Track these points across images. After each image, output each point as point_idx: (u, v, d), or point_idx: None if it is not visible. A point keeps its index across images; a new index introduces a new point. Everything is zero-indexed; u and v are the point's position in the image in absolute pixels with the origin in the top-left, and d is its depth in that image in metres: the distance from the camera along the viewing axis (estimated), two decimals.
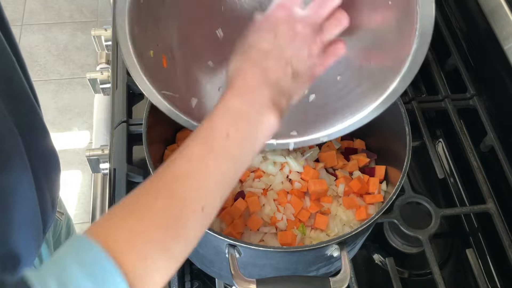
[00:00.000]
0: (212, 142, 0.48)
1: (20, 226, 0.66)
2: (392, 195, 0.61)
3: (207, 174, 0.47)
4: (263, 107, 0.50)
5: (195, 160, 0.47)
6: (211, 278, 0.77)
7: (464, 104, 0.98)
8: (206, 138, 0.49)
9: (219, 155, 0.48)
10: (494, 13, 0.91)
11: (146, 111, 0.66)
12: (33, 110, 0.73)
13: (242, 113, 0.50)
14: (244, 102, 0.50)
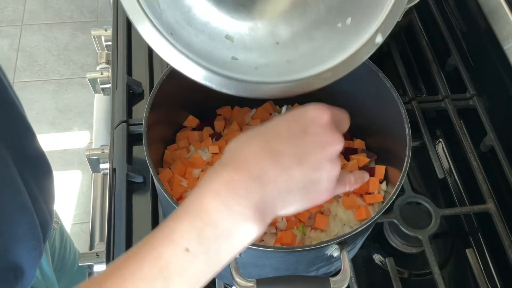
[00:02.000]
0: (166, 258, 0.40)
1: (20, 238, 0.66)
2: (392, 195, 0.61)
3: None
4: (244, 217, 0.41)
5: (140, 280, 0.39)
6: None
7: (464, 104, 0.98)
8: (160, 253, 0.40)
9: (169, 277, 0.40)
10: (494, 13, 0.91)
11: (146, 111, 0.66)
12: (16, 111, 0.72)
13: (213, 222, 0.41)
14: (223, 207, 0.41)
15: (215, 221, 0.41)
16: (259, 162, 0.43)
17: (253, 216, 0.42)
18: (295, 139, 0.45)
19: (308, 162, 0.45)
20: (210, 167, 0.76)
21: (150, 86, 0.95)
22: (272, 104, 0.87)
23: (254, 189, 0.42)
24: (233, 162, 0.43)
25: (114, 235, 0.77)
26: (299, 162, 0.44)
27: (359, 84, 0.75)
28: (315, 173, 0.46)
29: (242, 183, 0.42)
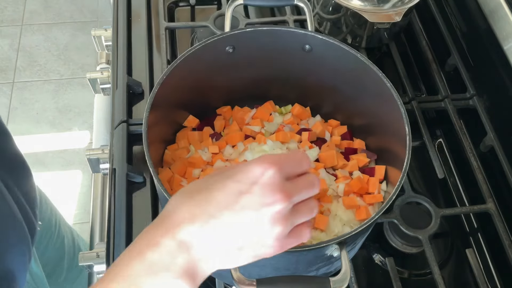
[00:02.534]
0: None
1: (11, 245, 0.65)
2: (392, 195, 0.61)
3: None
4: (169, 283, 0.44)
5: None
6: (211, 278, 0.77)
7: (464, 104, 0.98)
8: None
9: None
10: (494, 13, 0.91)
11: (146, 111, 0.66)
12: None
13: (138, 285, 0.43)
14: (147, 267, 0.43)
15: (139, 285, 0.43)
16: (187, 227, 0.45)
17: (182, 280, 0.44)
18: (228, 203, 0.46)
19: (239, 226, 0.46)
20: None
21: (150, 86, 0.95)
22: (272, 104, 0.87)
23: (180, 254, 0.44)
24: (164, 224, 0.45)
25: (114, 235, 0.77)
26: (229, 227, 0.45)
27: (359, 84, 0.75)
28: (249, 235, 0.46)
29: (169, 249, 0.44)
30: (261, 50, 0.78)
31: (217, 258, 0.46)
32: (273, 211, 0.46)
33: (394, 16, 0.91)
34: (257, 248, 0.48)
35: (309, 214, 0.50)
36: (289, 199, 0.47)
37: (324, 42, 0.74)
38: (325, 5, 1.00)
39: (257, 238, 0.47)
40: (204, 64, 0.75)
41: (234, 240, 0.46)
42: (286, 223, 0.47)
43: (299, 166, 0.50)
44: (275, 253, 0.49)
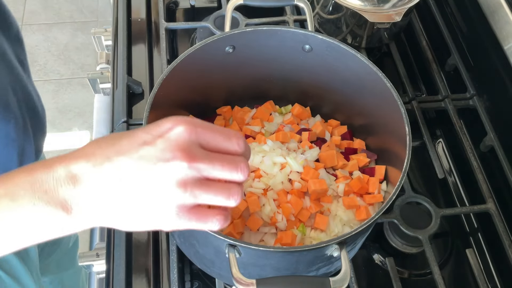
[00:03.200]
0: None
1: None
2: (392, 195, 0.61)
3: None
4: (45, 203, 0.43)
5: None
6: (211, 278, 0.77)
7: (464, 104, 0.98)
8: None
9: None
10: (494, 13, 0.91)
11: (146, 111, 0.66)
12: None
13: (14, 192, 0.43)
14: (29, 186, 0.43)
15: (15, 195, 0.43)
16: (82, 162, 0.44)
17: (54, 208, 0.43)
18: (128, 150, 0.44)
19: (131, 176, 0.43)
20: None
21: (150, 86, 0.95)
22: (272, 104, 0.87)
23: (65, 185, 0.43)
24: (66, 156, 0.45)
25: (114, 235, 0.77)
26: (121, 174, 0.43)
27: (359, 84, 0.75)
28: (140, 191, 0.43)
29: (57, 175, 0.43)
30: (261, 50, 0.78)
31: (104, 207, 0.44)
32: (171, 169, 0.43)
33: (394, 16, 0.91)
34: (150, 212, 0.44)
35: (222, 194, 0.45)
36: (192, 161, 0.43)
37: (324, 42, 0.74)
38: (325, 5, 1.00)
39: (151, 198, 0.44)
40: (204, 64, 0.75)
41: (125, 191, 0.44)
42: (186, 189, 0.43)
43: (224, 141, 0.46)
44: (170, 225, 0.45)
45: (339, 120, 0.85)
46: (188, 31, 1.09)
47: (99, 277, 0.88)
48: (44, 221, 0.44)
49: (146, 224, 0.46)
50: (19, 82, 0.77)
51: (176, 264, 0.75)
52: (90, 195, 0.44)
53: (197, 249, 0.66)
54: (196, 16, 1.16)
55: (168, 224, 0.46)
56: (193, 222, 0.46)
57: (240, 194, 0.47)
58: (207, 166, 0.44)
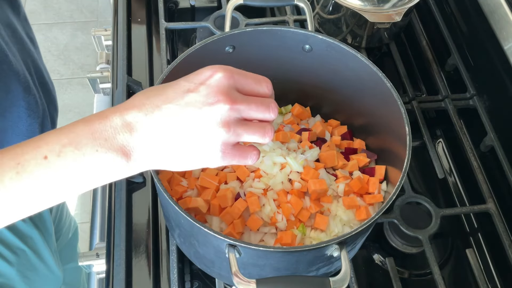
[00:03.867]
0: (26, 159, 0.45)
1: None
2: (392, 195, 0.61)
3: (2, 191, 0.45)
4: (105, 151, 0.46)
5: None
6: (211, 278, 0.77)
7: (464, 104, 0.98)
8: (22, 153, 0.45)
9: (24, 175, 0.45)
10: (494, 13, 0.91)
11: None
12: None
13: (77, 144, 0.46)
14: (90, 135, 0.46)
15: (79, 144, 0.46)
16: (134, 112, 0.48)
17: (115, 154, 0.47)
18: (175, 98, 0.48)
19: (181, 121, 0.47)
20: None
21: (150, 86, 0.95)
22: None
23: (122, 132, 0.47)
24: (118, 107, 0.48)
25: (114, 235, 0.77)
26: (171, 119, 0.47)
27: (359, 84, 0.75)
28: (191, 133, 0.48)
29: (114, 124, 0.47)
30: (261, 50, 0.78)
31: (158, 151, 0.48)
32: (215, 111, 0.48)
33: (394, 16, 0.91)
34: (199, 151, 0.49)
35: (259, 132, 0.51)
36: (233, 104, 0.48)
37: (324, 42, 0.74)
38: (325, 5, 1.00)
39: (199, 139, 0.48)
40: (204, 64, 0.74)
41: (176, 135, 0.48)
42: (229, 128, 0.48)
43: (256, 85, 0.52)
44: (216, 162, 0.50)
45: (339, 120, 0.85)
46: (188, 31, 1.09)
47: (99, 277, 0.88)
48: (106, 166, 0.47)
49: (196, 163, 0.50)
50: (30, 57, 0.80)
51: (176, 264, 0.75)
52: (145, 141, 0.48)
53: (197, 249, 0.66)
54: (196, 16, 1.16)
55: (214, 162, 0.50)
56: (236, 158, 0.51)
57: (273, 132, 0.52)
58: (245, 107, 0.49)
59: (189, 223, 0.58)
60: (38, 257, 0.88)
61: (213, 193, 0.71)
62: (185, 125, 0.48)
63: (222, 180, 0.73)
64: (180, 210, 0.58)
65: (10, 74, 0.69)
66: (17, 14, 0.79)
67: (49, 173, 0.46)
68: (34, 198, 0.47)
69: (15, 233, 0.83)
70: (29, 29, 0.85)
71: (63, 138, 0.46)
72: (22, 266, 0.85)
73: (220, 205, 0.71)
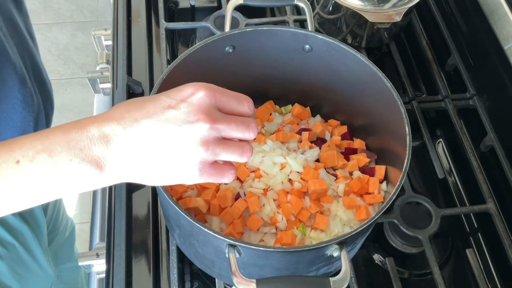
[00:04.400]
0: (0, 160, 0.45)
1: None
2: (392, 195, 0.61)
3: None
4: (79, 160, 0.46)
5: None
6: (211, 278, 0.77)
7: (464, 104, 0.98)
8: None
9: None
10: (494, 13, 0.91)
11: None
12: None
13: (51, 151, 0.46)
14: (65, 143, 0.46)
15: (52, 151, 0.46)
16: (112, 124, 0.48)
17: (89, 165, 0.47)
18: (155, 113, 0.48)
19: (159, 137, 0.47)
20: None
21: (150, 86, 0.95)
22: (272, 104, 0.87)
23: (98, 144, 0.47)
24: (96, 118, 0.48)
25: (114, 235, 0.77)
26: (149, 135, 0.47)
27: (359, 84, 0.75)
28: (169, 150, 0.48)
29: (91, 135, 0.47)
30: (261, 50, 0.78)
31: (133, 165, 0.48)
32: (195, 130, 0.48)
33: (394, 16, 0.91)
34: (176, 168, 0.49)
35: (237, 152, 0.51)
36: (213, 123, 0.48)
37: (324, 42, 0.74)
38: (325, 5, 1.00)
39: (177, 156, 0.48)
40: (204, 64, 0.75)
41: (153, 151, 0.48)
42: (208, 148, 0.48)
43: (238, 104, 0.52)
44: (193, 180, 0.50)
45: (339, 120, 0.85)
46: (188, 31, 1.09)
47: (99, 277, 0.88)
48: (78, 176, 0.47)
49: (172, 180, 0.50)
50: (28, 52, 0.80)
51: (176, 264, 0.75)
52: (121, 154, 0.47)
53: (197, 249, 0.66)
54: (196, 16, 1.15)
55: (191, 179, 0.50)
56: (213, 176, 0.51)
57: (251, 152, 0.52)
58: (225, 127, 0.49)
59: (189, 223, 0.58)
60: (28, 253, 0.88)
61: (213, 193, 0.71)
62: (164, 141, 0.48)
63: None
64: (180, 210, 0.58)
65: (7, 65, 0.70)
66: (20, 10, 0.80)
67: (21, 177, 0.46)
68: (6, 198, 0.47)
69: (5, 227, 0.83)
70: (30, 26, 0.86)
71: (37, 144, 0.46)
72: (12, 261, 0.85)
73: (220, 205, 0.71)
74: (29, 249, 0.89)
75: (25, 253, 0.87)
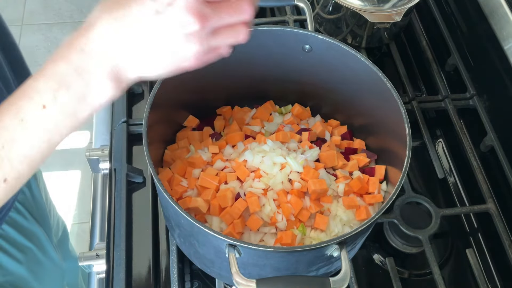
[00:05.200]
0: (26, 112, 0.46)
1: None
2: (392, 195, 0.61)
3: (13, 147, 0.46)
4: (96, 78, 0.47)
5: (2, 129, 0.45)
6: (211, 278, 0.77)
7: (464, 104, 0.98)
8: (20, 107, 0.46)
9: (29, 128, 0.46)
10: (494, 13, 0.91)
11: (146, 111, 0.66)
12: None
13: (66, 82, 0.46)
14: (72, 68, 0.46)
15: (68, 84, 0.46)
16: (111, 30, 0.46)
17: (105, 76, 0.47)
18: (143, 21, 0.47)
19: (154, 41, 0.48)
20: (210, 167, 0.76)
21: (150, 86, 0.95)
22: (272, 104, 0.87)
23: (105, 55, 0.47)
24: (85, 32, 0.47)
25: (114, 235, 0.77)
26: (144, 40, 0.48)
27: (359, 84, 0.75)
28: (164, 47, 0.48)
29: (92, 53, 0.46)
30: (261, 50, 0.78)
31: (137, 63, 0.50)
32: (186, 32, 0.47)
33: (394, 16, 0.92)
34: (175, 58, 0.49)
35: (231, 36, 0.51)
36: (204, 23, 0.47)
37: (324, 42, 0.74)
38: (325, 5, 1.00)
39: (172, 51, 0.48)
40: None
41: (150, 48, 0.48)
42: (202, 43, 0.48)
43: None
44: (193, 66, 0.50)
45: (339, 120, 0.85)
46: None
47: (99, 277, 0.88)
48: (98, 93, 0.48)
49: (176, 68, 0.50)
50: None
51: (176, 264, 0.75)
52: (127, 61, 0.49)
53: (197, 249, 0.66)
54: None
55: (192, 67, 0.50)
56: (212, 59, 0.51)
57: (247, 33, 0.52)
58: (216, 20, 0.48)
59: (189, 223, 0.58)
60: (43, 253, 0.89)
61: (213, 193, 0.71)
62: (158, 42, 0.48)
63: (222, 180, 0.73)
64: (180, 210, 0.58)
65: None
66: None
67: (51, 120, 0.47)
68: (42, 146, 0.48)
69: (21, 232, 0.83)
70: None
71: (52, 84, 0.46)
72: (30, 264, 0.86)
73: (220, 205, 0.71)
74: (44, 249, 0.90)
75: (41, 253, 0.88)
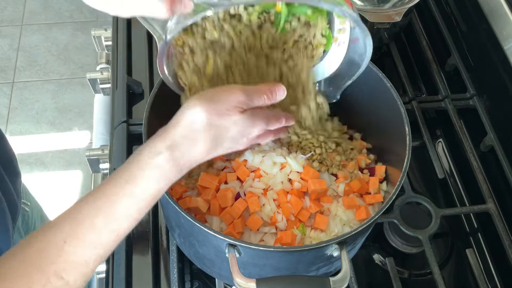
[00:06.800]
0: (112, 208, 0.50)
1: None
2: (392, 195, 0.61)
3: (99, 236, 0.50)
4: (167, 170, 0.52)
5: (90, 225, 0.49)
6: (211, 278, 0.77)
7: (464, 104, 0.98)
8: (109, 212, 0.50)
9: (111, 221, 0.50)
10: (494, 13, 0.91)
11: (146, 111, 0.66)
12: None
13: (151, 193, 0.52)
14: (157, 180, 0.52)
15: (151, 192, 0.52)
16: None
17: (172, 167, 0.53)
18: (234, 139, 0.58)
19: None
20: (210, 167, 0.76)
21: (150, 86, 0.95)
22: None
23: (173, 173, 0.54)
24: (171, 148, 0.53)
25: None
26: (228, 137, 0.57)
27: (360, 84, 0.75)
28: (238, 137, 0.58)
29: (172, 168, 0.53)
30: None
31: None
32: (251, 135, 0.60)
33: (394, 16, 0.91)
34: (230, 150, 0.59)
35: (274, 137, 0.67)
36: (260, 138, 0.63)
37: None
38: None
39: (232, 148, 0.59)
40: None
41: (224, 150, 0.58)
42: (251, 143, 0.62)
43: (264, 101, 0.60)
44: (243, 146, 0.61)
45: (339, 120, 0.85)
46: None
47: (99, 277, 0.88)
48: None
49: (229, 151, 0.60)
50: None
51: (176, 264, 0.75)
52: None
53: (197, 249, 0.66)
54: None
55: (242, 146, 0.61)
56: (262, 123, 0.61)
57: (286, 132, 0.70)
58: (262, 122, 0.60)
59: (189, 223, 0.58)
60: None
61: (213, 193, 0.71)
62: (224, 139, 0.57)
63: (222, 180, 0.73)
64: (180, 210, 0.58)
65: None
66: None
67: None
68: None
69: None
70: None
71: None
72: None
73: (220, 205, 0.71)
74: None
75: None
